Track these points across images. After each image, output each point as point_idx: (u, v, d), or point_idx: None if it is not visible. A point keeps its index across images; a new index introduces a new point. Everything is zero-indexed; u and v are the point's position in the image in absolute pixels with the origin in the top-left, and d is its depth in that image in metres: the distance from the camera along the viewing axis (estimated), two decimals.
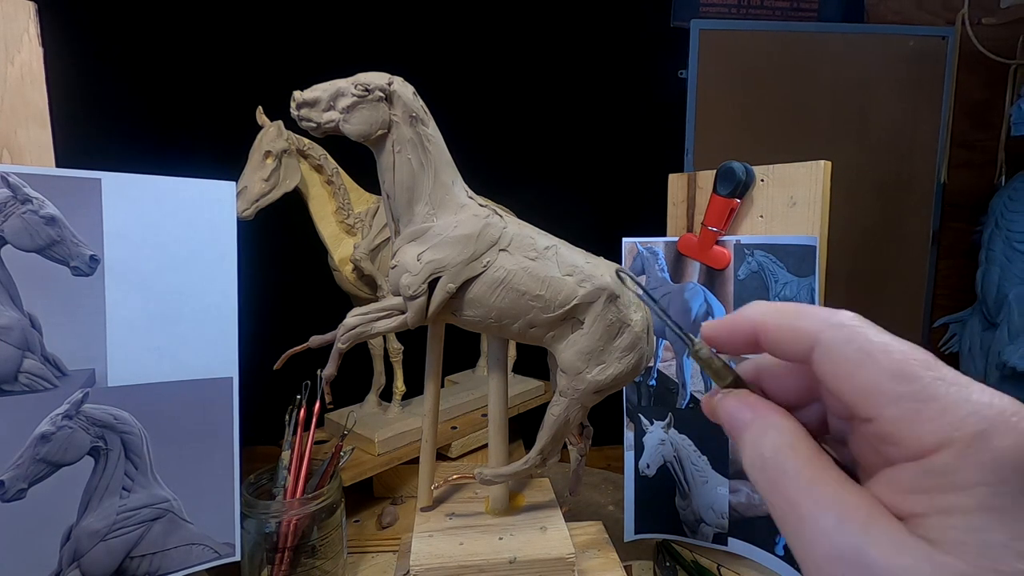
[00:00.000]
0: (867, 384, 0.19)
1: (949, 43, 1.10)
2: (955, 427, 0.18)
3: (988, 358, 0.95)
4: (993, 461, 0.17)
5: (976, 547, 0.17)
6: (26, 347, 0.46)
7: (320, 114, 0.51)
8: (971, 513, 0.17)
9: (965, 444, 0.17)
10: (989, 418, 0.17)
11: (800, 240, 0.55)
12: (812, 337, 0.20)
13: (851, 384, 0.19)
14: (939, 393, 0.18)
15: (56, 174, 0.47)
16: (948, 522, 0.17)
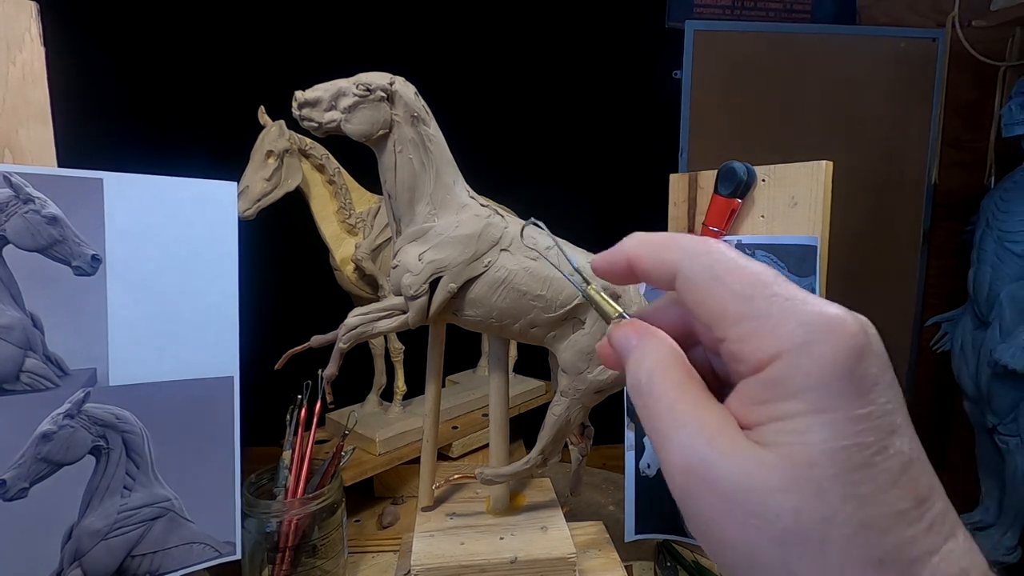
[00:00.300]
0: (717, 307, 0.20)
1: (940, 45, 1.11)
2: (785, 339, 0.19)
3: (980, 357, 0.97)
4: (817, 368, 0.18)
5: (798, 447, 0.18)
6: (28, 346, 0.46)
7: (322, 114, 0.51)
8: (797, 417, 0.18)
9: (793, 354, 0.19)
10: (815, 328, 0.19)
11: (801, 240, 0.55)
12: (674, 267, 0.22)
13: (705, 309, 0.21)
14: (774, 310, 0.19)
15: (58, 174, 0.47)
16: (779, 427, 0.19)
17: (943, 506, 0.18)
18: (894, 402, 0.19)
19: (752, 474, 0.19)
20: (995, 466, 0.97)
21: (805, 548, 0.18)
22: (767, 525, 0.18)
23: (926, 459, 0.19)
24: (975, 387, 0.98)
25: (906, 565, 0.17)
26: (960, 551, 0.18)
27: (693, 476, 0.20)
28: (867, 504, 0.18)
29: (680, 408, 0.20)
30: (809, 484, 0.18)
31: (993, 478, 0.99)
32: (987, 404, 0.95)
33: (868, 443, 0.18)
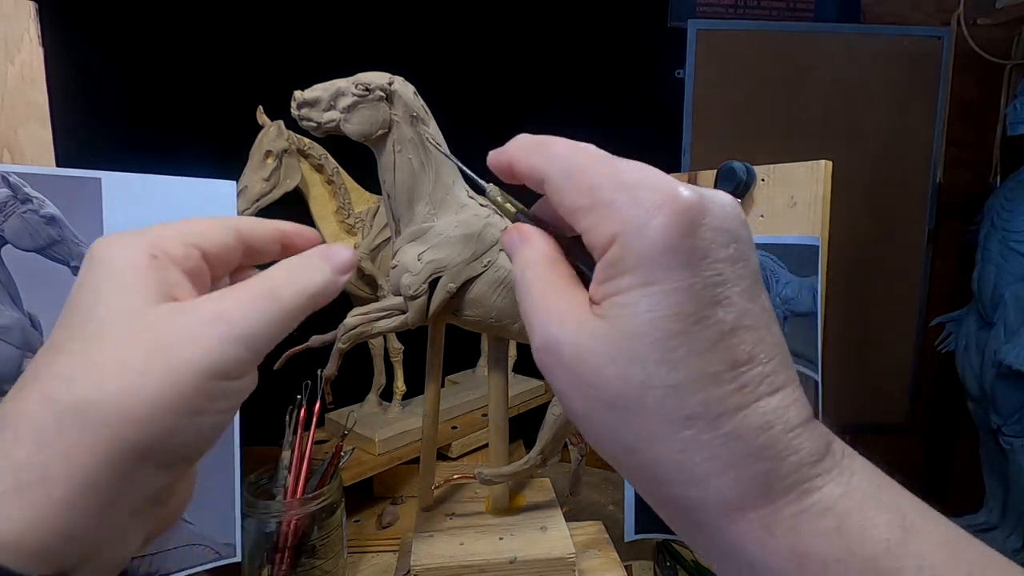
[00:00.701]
0: (571, 203, 0.22)
1: (945, 43, 1.11)
2: (623, 221, 0.20)
3: (984, 357, 0.96)
4: (646, 244, 0.20)
5: (625, 319, 0.20)
6: (26, 347, 0.46)
7: (321, 114, 0.51)
8: (628, 291, 0.20)
9: (629, 234, 0.20)
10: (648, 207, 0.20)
11: (801, 240, 0.55)
12: (543, 172, 0.23)
13: (564, 207, 0.22)
14: (617, 196, 0.21)
15: (56, 174, 0.47)
16: (613, 301, 0.20)
17: (765, 370, 0.20)
18: (726, 274, 0.20)
19: (588, 347, 0.20)
20: (999, 467, 0.97)
21: (627, 410, 0.20)
22: (599, 392, 0.20)
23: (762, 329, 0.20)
24: (979, 388, 0.98)
25: (711, 419, 0.19)
26: (771, 407, 0.20)
27: (547, 354, 0.22)
28: (678, 367, 0.19)
29: (543, 296, 0.22)
30: (631, 352, 0.20)
31: (997, 479, 0.98)
32: (991, 405, 0.95)
33: (687, 312, 0.19)
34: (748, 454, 0.19)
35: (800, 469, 0.19)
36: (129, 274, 0.22)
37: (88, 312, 0.22)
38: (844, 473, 0.20)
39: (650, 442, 0.20)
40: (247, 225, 0.28)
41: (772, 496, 0.19)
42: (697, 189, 0.20)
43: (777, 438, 0.19)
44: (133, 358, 0.21)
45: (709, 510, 0.20)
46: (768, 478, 0.19)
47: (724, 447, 0.19)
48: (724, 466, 0.19)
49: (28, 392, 0.20)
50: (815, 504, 0.19)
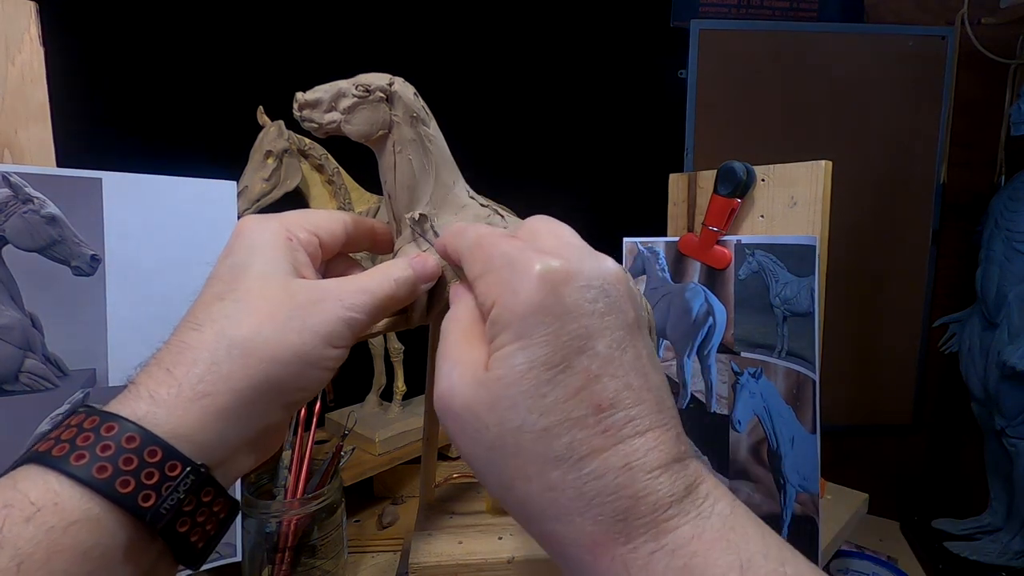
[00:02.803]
0: (471, 274, 0.26)
1: (948, 43, 1.10)
2: (500, 287, 0.24)
3: (988, 358, 0.96)
4: (517, 305, 0.23)
5: (504, 371, 0.22)
6: (27, 347, 0.46)
7: (322, 115, 0.50)
8: (506, 347, 0.23)
9: (504, 297, 0.23)
10: (518, 276, 0.23)
11: (801, 240, 0.55)
12: (457, 251, 0.29)
13: (469, 277, 0.26)
14: (498, 267, 0.24)
15: (57, 174, 0.47)
16: (496, 356, 0.23)
17: (630, 414, 0.22)
18: (592, 327, 0.22)
19: (474, 396, 0.23)
20: (1003, 469, 0.96)
21: (505, 452, 0.22)
22: (481, 437, 0.23)
23: (630, 376, 0.22)
24: (983, 389, 0.97)
25: (576, 460, 0.21)
26: (633, 449, 0.21)
27: (442, 401, 0.24)
28: (547, 413, 0.22)
29: (453, 348, 0.25)
30: (508, 400, 0.22)
31: (1001, 481, 0.98)
32: (995, 406, 0.94)
33: (554, 362, 0.22)
34: (608, 492, 0.21)
35: (656, 509, 0.21)
36: (272, 249, 0.29)
37: (241, 272, 0.28)
38: (702, 515, 0.21)
39: (524, 481, 0.22)
40: (351, 220, 0.37)
41: (630, 534, 0.21)
42: (572, 257, 0.23)
43: (636, 478, 0.21)
44: (281, 314, 0.26)
45: (576, 546, 0.22)
46: (627, 516, 0.21)
47: (587, 486, 0.21)
48: (586, 504, 0.21)
49: (206, 326, 0.26)
50: (668, 544, 0.21)
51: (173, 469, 0.23)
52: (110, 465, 0.22)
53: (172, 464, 0.23)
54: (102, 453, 0.22)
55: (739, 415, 0.61)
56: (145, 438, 0.23)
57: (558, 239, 0.25)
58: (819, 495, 0.55)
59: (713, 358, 0.63)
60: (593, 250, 0.25)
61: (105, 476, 0.22)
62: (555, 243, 0.25)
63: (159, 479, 0.23)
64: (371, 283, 0.30)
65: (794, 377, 0.56)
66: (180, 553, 0.25)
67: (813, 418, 0.53)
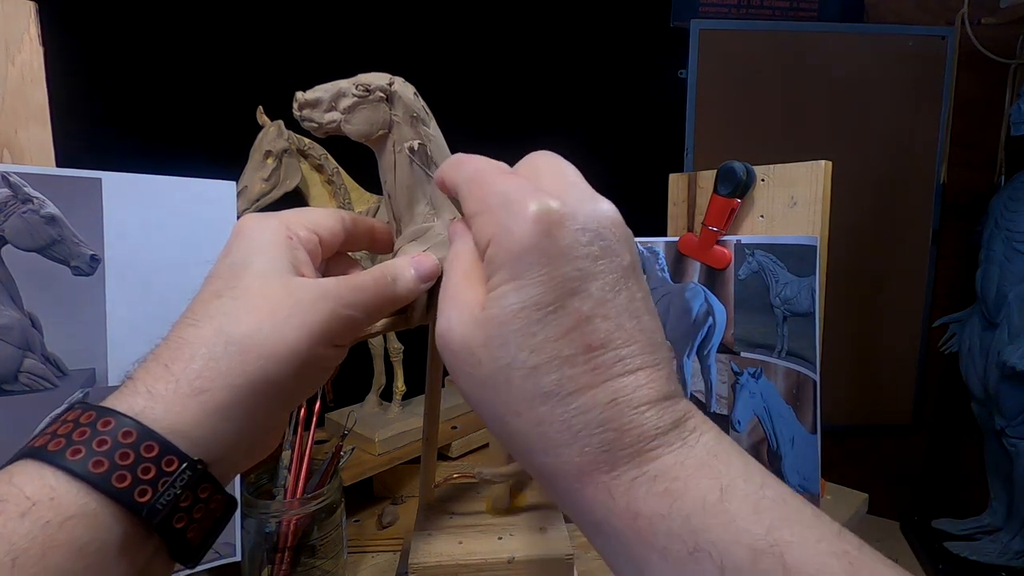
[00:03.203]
0: (467, 211, 0.26)
1: (949, 43, 1.10)
2: (495, 226, 0.24)
3: (988, 358, 0.96)
4: (512, 245, 0.23)
5: (498, 310, 0.23)
6: (26, 347, 0.46)
7: (322, 115, 0.50)
8: (500, 286, 0.23)
9: (499, 236, 0.23)
10: (513, 212, 0.23)
11: (800, 240, 0.55)
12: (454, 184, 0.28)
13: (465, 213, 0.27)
14: (494, 206, 0.24)
15: (56, 174, 0.47)
16: (491, 295, 0.23)
17: (620, 354, 0.22)
18: (586, 269, 0.23)
19: (469, 333, 0.24)
20: (1003, 469, 0.96)
21: (496, 388, 0.23)
22: (474, 372, 0.24)
23: (623, 317, 0.23)
24: (983, 389, 0.97)
25: (564, 396, 0.22)
26: (621, 386, 0.22)
27: (442, 339, 0.25)
28: (537, 351, 0.22)
29: (454, 287, 0.26)
30: (500, 338, 0.23)
31: (1001, 481, 0.98)
32: (995, 406, 0.94)
33: (546, 303, 0.22)
34: (594, 426, 0.22)
35: (640, 441, 0.22)
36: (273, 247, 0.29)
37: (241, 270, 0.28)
38: (686, 446, 0.22)
39: (515, 416, 0.23)
40: (350, 218, 0.36)
41: (614, 463, 0.22)
42: (569, 199, 0.23)
43: (622, 412, 0.22)
44: (280, 312, 0.26)
45: (564, 476, 0.23)
46: (611, 447, 0.22)
47: (574, 419, 0.22)
48: (573, 437, 0.22)
49: (204, 323, 0.26)
50: (650, 470, 0.21)
51: (170, 464, 0.23)
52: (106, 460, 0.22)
53: (169, 459, 0.23)
54: (98, 448, 0.22)
55: (739, 415, 0.61)
56: (142, 433, 0.23)
57: (560, 178, 0.25)
58: (819, 495, 0.55)
59: (713, 358, 0.63)
60: (593, 192, 0.25)
61: (101, 471, 0.22)
62: (555, 182, 0.25)
63: (156, 474, 0.23)
64: (370, 282, 0.30)
65: (794, 377, 0.56)
66: (176, 550, 0.24)
67: (813, 418, 0.53)
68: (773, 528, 0.20)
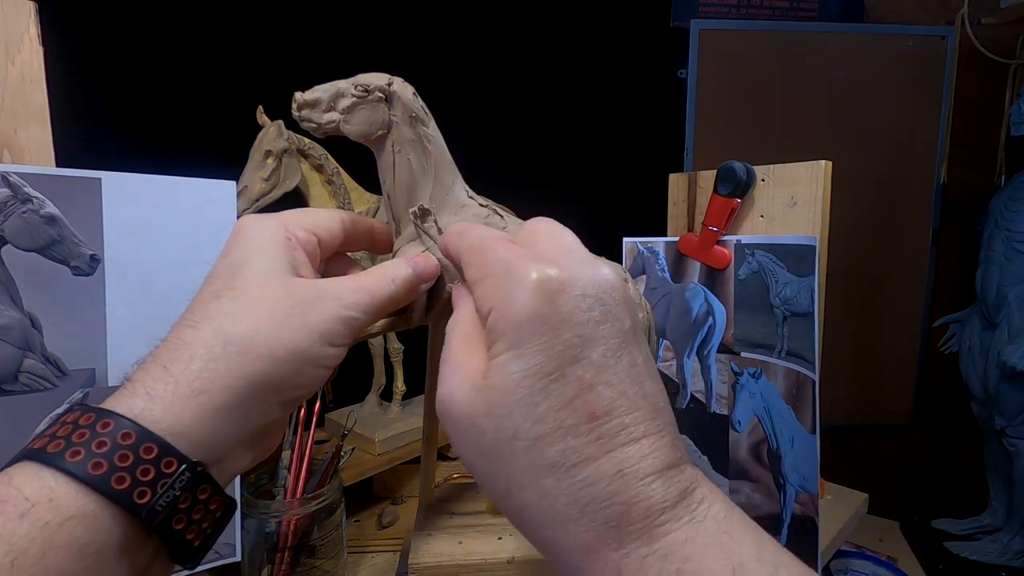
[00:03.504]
0: (469, 278, 0.26)
1: (949, 43, 1.10)
2: (497, 294, 0.24)
3: (988, 358, 0.95)
4: (513, 314, 0.23)
5: (500, 379, 0.23)
6: (26, 347, 0.46)
7: (321, 115, 0.50)
8: (502, 355, 0.23)
9: (500, 305, 0.23)
10: (515, 284, 0.23)
11: (800, 240, 0.55)
12: (457, 252, 0.29)
13: (467, 281, 0.27)
14: (495, 274, 0.24)
15: (56, 174, 0.47)
16: (492, 364, 0.23)
17: (624, 422, 0.22)
18: (587, 335, 0.22)
19: (472, 402, 0.23)
20: (1003, 469, 0.96)
21: (500, 459, 0.23)
22: (477, 443, 0.23)
23: (625, 384, 0.23)
24: (983, 389, 0.97)
25: (569, 468, 0.21)
26: (626, 456, 0.21)
27: (443, 407, 0.25)
28: (540, 421, 0.22)
29: (456, 353, 0.26)
30: (503, 408, 0.22)
31: (1001, 481, 0.98)
32: (995, 406, 0.94)
33: (548, 371, 0.22)
34: (601, 499, 0.21)
35: (649, 515, 0.21)
36: (270, 247, 0.29)
37: (240, 270, 0.28)
38: (695, 520, 0.21)
39: (520, 488, 0.23)
40: (349, 219, 0.37)
41: (623, 540, 0.21)
42: (569, 266, 0.23)
43: (629, 484, 0.21)
44: (279, 312, 0.26)
45: (570, 552, 0.22)
46: (619, 522, 0.21)
47: (580, 492, 0.21)
48: (580, 511, 0.21)
49: (203, 324, 0.26)
50: (660, 548, 0.21)
51: (169, 466, 0.23)
52: (105, 461, 0.22)
53: (168, 461, 0.23)
54: (97, 449, 0.22)
55: (739, 415, 0.61)
56: (141, 435, 0.23)
57: (557, 245, 0.25)
58: (819, 495, 0.55)
59: (713, 358, 0.63)
60: (592, 257, 0.25)
61: (100, 472, 0.22)
62: (553, 249, 0.25)
63: (155, 476, 0.23)
64: (370, 282, 0.30)
65: (794, 377, 0.56)
66: (176, 551, 0.24)
67: (813, 418, 0.53)
68: None
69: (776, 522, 0.58)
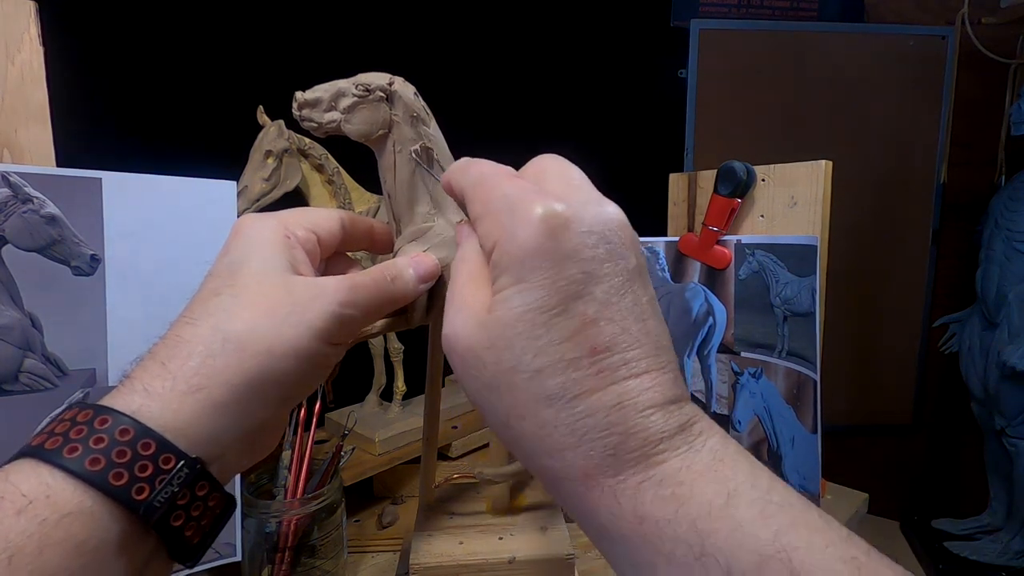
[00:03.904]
0: (473, 213, 0.26)
1: (949, 43, 1.10)
2: (500, 230, 0.24)
3: (988, 358, 0.96)
4: (516, 248, 0.23)
5: (503, 312, 0.23)
6: (27, 347, 0.46)
7: (321, 115, 0.50)
8: (505, 289, 0.23)
9: (504, 240, 0.23)
10: (518, 218, 0.23)
11: (801, 240, 0.55)
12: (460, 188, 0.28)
13: (471, 216, 0.27)
14: (499, 209, 0.24)
15: (57, 173, 0.47)
16: (496, 298, 0.23)
17: (626, 357, 0.22)
18: (591, 271, 0.22)
19: (475, 336, 0.24)
20: (1003, 469, 0.96)
21: (501, 391, 0.23)
22: (479, 375, 0.24)
23: (628, 320, 0.23)
24: (983, 389, 0.97)
25: (568, 399, 0.22)
26: (626, 389, 0.22)
27: (447, 342, 0.25)
28: (541, 354, 0.22)
29: (461, 288, 0.26)
30: (504, 341, 0.23)
31: (1001, 481, 0.98)
32: (995, 406, 0.94)
33: (550, 305, 0.22)
34: (599, 429, 0.22)
35: (646, 444, 0.22)
36: (271, 246, 0.29)
37: (238, 268, 0.28)
38: (692, 450, 0.22)
39: (519, 419, 0.23)
40: (348, 219, 0.36)
41: (620, 467, 0.22)
42: (574, 202, 0.23)
43: (627, 416, 0.22)
44: (278, 310, 0.26)
45: (569, 479, 0.22)
46: (616, 451, 0.22)
47: (578, 423, 0.22)
48: (578, 440, 0.22)
49: (201, 321, 0.26)
50: (656, 475, 0.21)
51: (167, 462, 0.23)
52: (103, 458, 0.22)
53: (166, 457, 0.23)
54: (95, 446, 0.22)
55: (739, 415, 0.61)
56: (139, 431, 0.23)
57: (565, 181, 0.25)
58: (819, 495, 0.55)
59: (713, 358, 0.63)
60: (599, 195, 0.25)
61: (98, 468, 0.22)
62: (561, 185, 0.25)
63: (153, 472, 0.23)
64: (369, 282, 0.30)
65: (794, 377, 0.56)
66: (174, 548, 0.24)
67: (813, 418, 0.53)
68: (780, 533, 0.20)
69: None
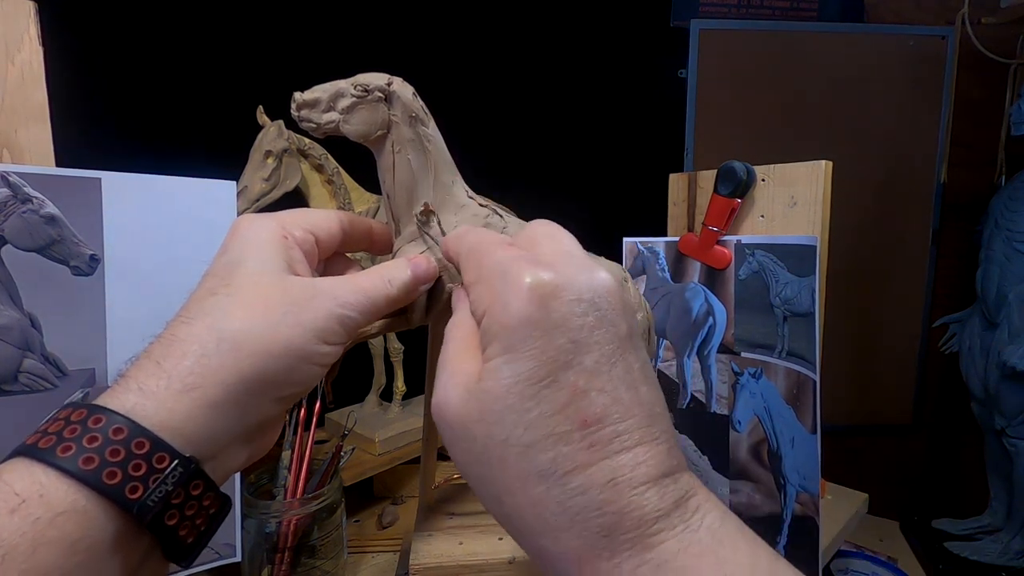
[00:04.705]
0: (466, 280, 0.27)
1: (949, 43, 1.10)
2: (491, 298, 0.24)
3: (988, 358, 0.95)
4: (505, 318, 0.23)
5: (492, 383, 0.22)
6: (26, 347, 0.46)
7: (320, 115, 0.50)
8: (494, 359, 0.23)
9: (493, 308, 0.23)
10: (508, 287, 0.23)
11: (801, 240, 0.55)
12: (456, 254, 0.29)
13: (465, 283, 0.27)
14: (490, 277, 0.24)
15: (56, 173, 0.47)
16: (486, 368, 0.23)
17: (618, 429, 0.21)
18: (580, 341, 0.22)
19: (465, 407, 0.23)
20: (1003, 469, 0.96)
21: (492, 465, 0.22)
22: (470, 448, 0.23)
23: (620, 390, 0.22)
24: (983, 389, 0.97)
25: (560, 476, 0.21)
26: (619, 464, 0.21)
27: (437, 410, 0.25)
28: (531, 428, 0.21)
29: (453, 356, 0.25)
30: (494, 414, 0.22)
31: (1001, 481, 0.98)
32: (995, 406, 0.94)
33: (539, 376, 0.22)
34: (593, 508, 0.21)
35: (642, 524, 0.21)
36: (268, 246, 0.29)
37: (235, 268, 0.28)
38: (689, 529, 0.21)
39: (511, 495, 0.22)
40: (347, 219, 0.37)
41: (615, 550, 0.21)
42: (564, 269, 0.23)
43: (621, 493, 0.21)
44: (274, 309, 0.26)
45: (563, 561, 0.21)
46: (611, 532, 0.21)
47: (571, 501, 0.21)
48: (570, 520, 0.21)
49: (197, 320, 0.26)
50: (653, 558, 0.20)
51: (161, 461, 0.23)
52: (97, 456, 0.22)
53: (160, 456, 0.23)
54: (89, 444, 0.22)
55: (739, 415, 0.61)
56: (132, 430, 0.23)
57: (554, 248, 0.25)
58: (819, 495, 0.55)
59: (713, 358, 0.63)
60: (590, 261, 0.25)
61: (91, 467, 0.22)
62: (551, 253, 0.24)
63: (147, 471, 0.23)
64: (367, 283, 0.30)
65: (794, 377, 0.56)
66: (169, 548, 0.24)
67: (813, 418, 0.53)
68: None
69: (776, 522, 0.58)
